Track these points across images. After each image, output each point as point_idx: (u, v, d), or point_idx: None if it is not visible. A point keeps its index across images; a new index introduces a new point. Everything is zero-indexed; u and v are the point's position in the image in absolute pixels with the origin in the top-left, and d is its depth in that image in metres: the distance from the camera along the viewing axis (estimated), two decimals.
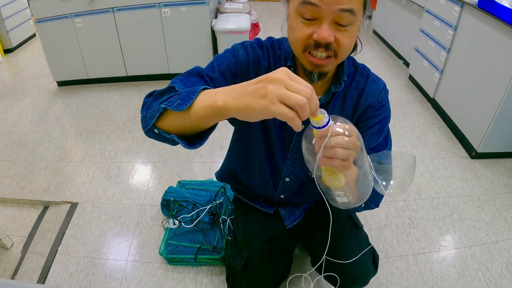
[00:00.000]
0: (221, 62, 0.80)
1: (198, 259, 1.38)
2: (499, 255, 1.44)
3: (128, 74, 2.86)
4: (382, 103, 0.84)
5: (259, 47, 0.83)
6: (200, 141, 0.64)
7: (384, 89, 0.85)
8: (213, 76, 0.77)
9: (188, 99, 0.58)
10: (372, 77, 0.85)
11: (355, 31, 0.68)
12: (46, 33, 2.62)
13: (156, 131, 0.64)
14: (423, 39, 2.50)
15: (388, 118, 0.86)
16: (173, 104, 0.60)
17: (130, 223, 1.61)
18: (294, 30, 0.69)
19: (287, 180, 0.99)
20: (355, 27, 0.67)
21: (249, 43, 0.84)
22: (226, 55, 0.81)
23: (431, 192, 1.76)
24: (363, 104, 0.84)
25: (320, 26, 0.65)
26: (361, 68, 0.86)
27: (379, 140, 0.84)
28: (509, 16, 1.61)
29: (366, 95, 0.84)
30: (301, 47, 0.69)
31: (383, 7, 3.54)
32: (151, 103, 0.67)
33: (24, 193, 1.80)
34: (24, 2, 3.79)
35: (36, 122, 2.43)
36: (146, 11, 2.56)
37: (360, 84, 0.84)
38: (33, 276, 1.39)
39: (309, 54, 0.69)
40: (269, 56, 0.83)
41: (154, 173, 1.93)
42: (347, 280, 1.02)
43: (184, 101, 0.59)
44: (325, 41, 0.65)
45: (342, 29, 0.65)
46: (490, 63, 1.81)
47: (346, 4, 0.62)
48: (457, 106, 2.15)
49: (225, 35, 2.67)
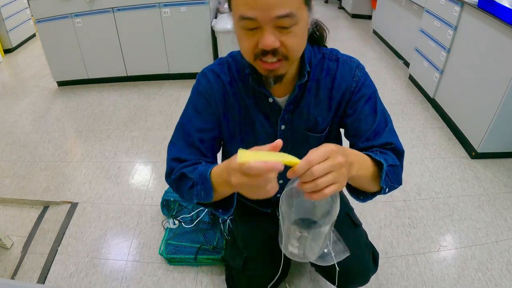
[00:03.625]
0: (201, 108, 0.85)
1: (198, 259, 1.38)
2: (499, 255, 1.44)
3: (128, 74, 2.87)
4: (361, 82, 0.81)
5: (218, 66, 0.86)
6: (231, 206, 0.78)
7: (358, 66, 0.82)
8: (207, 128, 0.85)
9: (208, 189, 0.71)
10: (342, 59, 0.83)
11: (301, 29, 0.67)
12: (46, 33, 2.63)
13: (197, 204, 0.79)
14: (423, 39, 2.50)
15: (374, 93, 0.83)
16: (201, 196, 0.73)
17: (130, 223, 1.61)
18: (241, 41, 0.71)
19: (281, 183, 0.99)
20: (299, 26, 0.66)
21: (207, 68, 0.86)
22: (198, 98, 0.85)
23: (431, 192, 1.76)
24: (338, 88, 0.82)
25: (263, 35, 0.64)
26: (329, 52, 0.83)
27: (377, 119, 0.81)
28: (509, 16, 1.61)
29: (339, 79, 0.82)
30: (251, 57, 0.70)
31: (383, 7, 3.54)
32: (178, 191, 0.83)
33: (24, 193, 1.80)
34: (24, 2, 3.79)
35: (36, 122, 2.43)
36: (146, 11, 2.56)
37: (331, 70, 0.82)
38: (33, 276, 1.39)
39: (261, 60, 0.69)
40: (231, 69, 0.85)
41: (154, 173, 1.92)
42: (347, 278, 1.02)
43: (207, 192, 0.72)
44: (270, 48, 0.65)
45: (285, 31, 0.65)
46: (490, 63, 1.81)
47: (282, 9, 0.61)
48: (457, 106, 2.15)
49: (225, 35, 2.67)
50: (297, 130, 0.87)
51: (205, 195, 0.72)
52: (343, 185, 0.58)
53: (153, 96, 2.68)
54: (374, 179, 0.72)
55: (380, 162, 0.72)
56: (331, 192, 0.56)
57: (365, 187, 0.75)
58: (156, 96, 2.68)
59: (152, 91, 2.75)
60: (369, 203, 1.69)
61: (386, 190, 0.74)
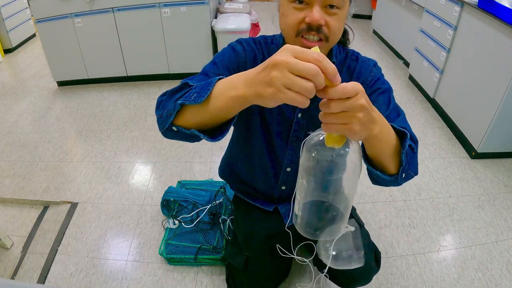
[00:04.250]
0: (222, 58, 0.83)
1: (198, 259, 1.38)
2: (499, 255, 1.44)
3: (128, 74, 2.86)
4: (376, 77, 0.86)
5: (253, 42, 0.88)
6: (221, 133, 0.63)
7: (375, 65, 0.88)
8: (217, 72, 0.79)
9: (205, 90, 0.59)
10: (361, 59, 0.89)
11: (344, 15, 0.74)
12: (46, 33, 2.62)
13: (174, 128, 0.64)
14: (423, 39, 2.50)
15: (389, 90, 0.84)
16: (190, 98, 0.60)
17: (130, 223, 1.61)
18: (287, 16, 0.73)
19: (288, 170, 1.00)
20: (343, 11, 0.73)
21: (244, 39, 0.89)
22: (225, 52, 0.86)
23: (431, 192, 1.76)
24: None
25: (312, 10, 0.69)
26: (351, 53, 0.90)
27: (390, 109, 0.80)
28: (509, 16, 1.61)
29: (357, 75, 0.87)
30: (294, 32, 0.73)
31: (383, 7, 3.54)
32: (165, 102, 0.67)
33: (24, 193, 1.80)
34: (24, 2, 3.79)
35: (36, 122, 2.43)
36: (146, 11, 2.56)
37: (351, 67, 0.88)
38: (33, 276, 1.39)
39: (302, 37, 0.73)
40: (263, 50, 0.88)
41: (154, 173, 1.93)
42: (349, 278, 1.02)
43: (201, 93, 0.59)
44: (317, 23, 0.69)
45: (331, 12, 0.71)
46: (490, 63, 1.81)
47: None
48: (457, 106, 2.15)
49: (225, 35, 2.67)
50: (313, 119, 0.90)
51: (196, 96, 0.59)
52: (353, 129, 0.51)
53: (153, 96, 2.68)
54: (394, 153, 0.66)
55: (404, 132, 0.67)
56: (337, 130, 0.51)
57: (382, 158, 0.67)
58: (156, 96, 2.65)
59: (152, 91, 2.75)
60: (369, 203, 1.69)
61: (403, 174, 0.69)
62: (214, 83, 0.59)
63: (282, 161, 0.98)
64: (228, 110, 0.58)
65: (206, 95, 0.58)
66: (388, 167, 0.69)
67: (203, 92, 0.59)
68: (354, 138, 0.54)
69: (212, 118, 0.61)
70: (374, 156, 0.67)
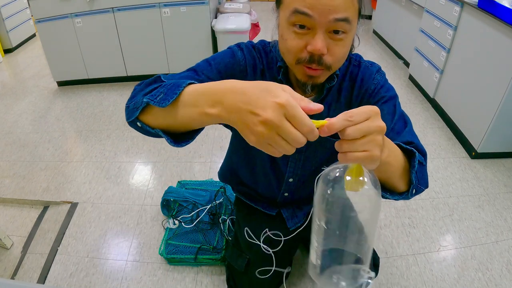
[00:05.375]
0: (219, 61, 0.77)
1: (198, 259, 1.38)
2: (499, 255, 1.44)
3: (128, 74, 2.87)
4: (380, 85, 0.80)
5: (254, 50, 0.83)
6: (186, 140, 0.59)
7: (379, 71, 0.82)
8: (208, 74, 0.74)
9: (171, 94, 0.53)
10: (364, 64, 0.83)
11: (350, 40, 0.66)
12: (46, 33, 2.62)
13: (139, 124, 0.60)
14: (423, 39, 2.50)
15: (394, 97, 0.79)
16: (156, 98, 0.54)
17: (130, 223, 1.61)
18: (286, 40, 0.65)
19: (290, 181, 0.99)
20: (350, 36, 0.65)
21: (245, 44, 0.83)
22: (224, 55, 0.79)
23: (431, 192, 1.76)
24: (358, 92, 0.82)
25: (314, 37, 0.61)
26: (354, 58, 0.84)
27: (396, 119, 0.76)
28: (509, 16, 1.61)
29: (359, 82, 0.81)
30: (294, 59, 0.67)
31: (383, 7, 3.54)
32: (136, 94, 0.62)
33: (24, 193, 1.80)
34: (24, 2, 3.79)
35: (36, 122, 2.43)
36: (146, 11, 2.56)
37: (353, 74, 0.82)
38: (33, 276, 1.39)
39: (304, 66, 0.66)
40: (262, 59, 0.82)
41: (154, 173, 1.92)
42: None
43: (167, 96, 0.53)
44: (319, 52, 0.62)
45: (336, 38, 0.63)
46: (490, 63, 1.81)
47: (341, 13, 0.59)
48: (457, 106, 2.15)
49: (225, 35, 2.67)
50: None
51: (162, 97, 0.54)
52: (374, 156, 0.47)
53: None
54: (402, 173, 0.64)
55: (412, 151, 0.64)
56: (356, 159, 0.46)
57: (391, 181, 0.64)
58: None
59: None
60: None
61: (413, 191, 0.66)
62: (183, 88, 0.53)
63: (284, 172, 0.97)
64: (200, 123, 0.53)
65: (172, 100, 0.52)
66: (397, 188, 0.66)
67: (169, 95, 0.53)
68: (373, 166, 0.49)
69: (179, 126, 0.56)
70: (382, 181, 0.63)
